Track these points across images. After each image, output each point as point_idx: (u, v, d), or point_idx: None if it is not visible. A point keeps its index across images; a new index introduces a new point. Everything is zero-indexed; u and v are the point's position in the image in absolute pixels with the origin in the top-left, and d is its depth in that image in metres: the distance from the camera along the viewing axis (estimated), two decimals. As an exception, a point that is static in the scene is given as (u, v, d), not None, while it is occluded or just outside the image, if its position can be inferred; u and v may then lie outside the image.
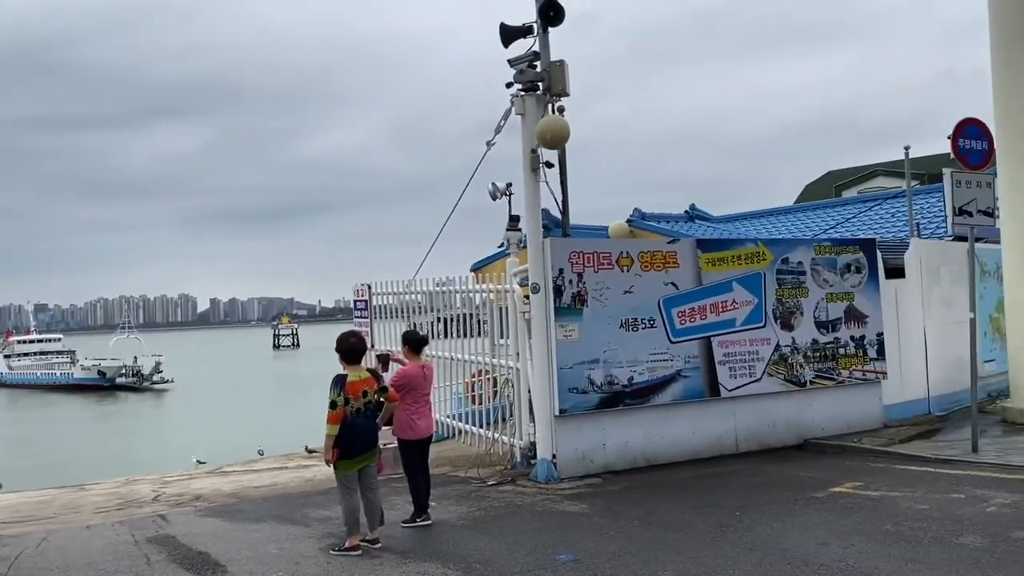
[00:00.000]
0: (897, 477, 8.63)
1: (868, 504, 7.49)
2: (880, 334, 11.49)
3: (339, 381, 6.62)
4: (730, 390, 10.31)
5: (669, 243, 10.59)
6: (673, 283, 10.10)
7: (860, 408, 11.33)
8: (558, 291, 9.33)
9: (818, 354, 10.98)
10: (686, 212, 19.98)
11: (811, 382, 10.90)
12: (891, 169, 25.84)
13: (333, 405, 6.53)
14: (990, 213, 10.16)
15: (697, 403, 10.15)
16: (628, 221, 17.09)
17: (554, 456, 9.25)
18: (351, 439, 6.59)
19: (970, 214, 9.92)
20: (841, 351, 11.14)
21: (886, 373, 11.53)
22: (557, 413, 9.23)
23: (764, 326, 10.63)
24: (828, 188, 32.88)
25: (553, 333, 9.27)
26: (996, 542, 6.14)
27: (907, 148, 15.02)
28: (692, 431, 10.14)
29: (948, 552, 5.99)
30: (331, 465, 6.74)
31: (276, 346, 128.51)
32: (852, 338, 11.25)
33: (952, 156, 10.35)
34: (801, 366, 10.83)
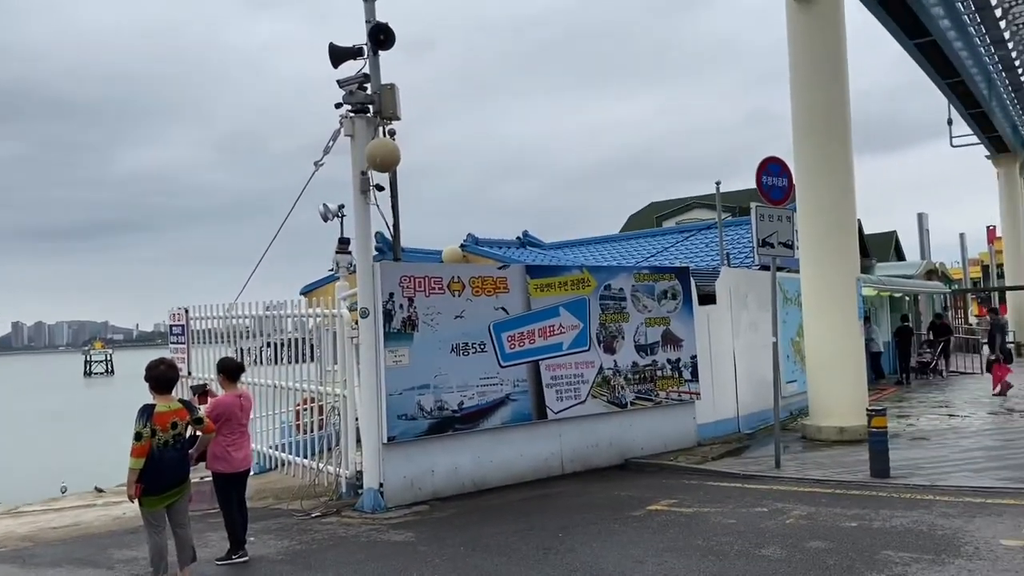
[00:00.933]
0: (709, 493, 9.11)
1: (682, 520, 7.85)
2: (694, 357, 12.16)
3: (145, 411, 6.20)
4: (557, 412, 10.55)
5: (500, 268, 10.74)
6: (503, 308, 10.25)
7: (676, 428, 11.91)
8: (388, 316, 9.23)
9: (638, 376, 11.46)
10: (518, 238, 20.39)
11: (632, 403, 11.35)
12: (706, 202, 27.51)
13: (138, 437, 6.10)
14: (789, 245, 11.00)
15: (525, 426, 10.31)
16: (462, 246, 17.23)
17: (381, 485, 9.09)
18: (157, 473, 6.16)
19: (772, 245, 10.71)
20: (659, 373, 11.69)
21: (700, 394, 12.20)
22: (385, 440, 9.09)
23: (589, 350, 10.98)
24: (650, 218, 34.65)
25: (382, 358, 9.14)
26: (793, 552, 6.59)
27: (718, 183, 16.09)
28: (520, 454, 10.28)
29: (751, 564, 6.37)
30: (135, 501, 6.28)
31: (87, 373, 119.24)
32: (669, 361, 11.83)
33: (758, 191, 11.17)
34: (623, 388, 11.26)
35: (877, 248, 32.84)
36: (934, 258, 36.88)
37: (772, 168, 10.94)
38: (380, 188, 9.60)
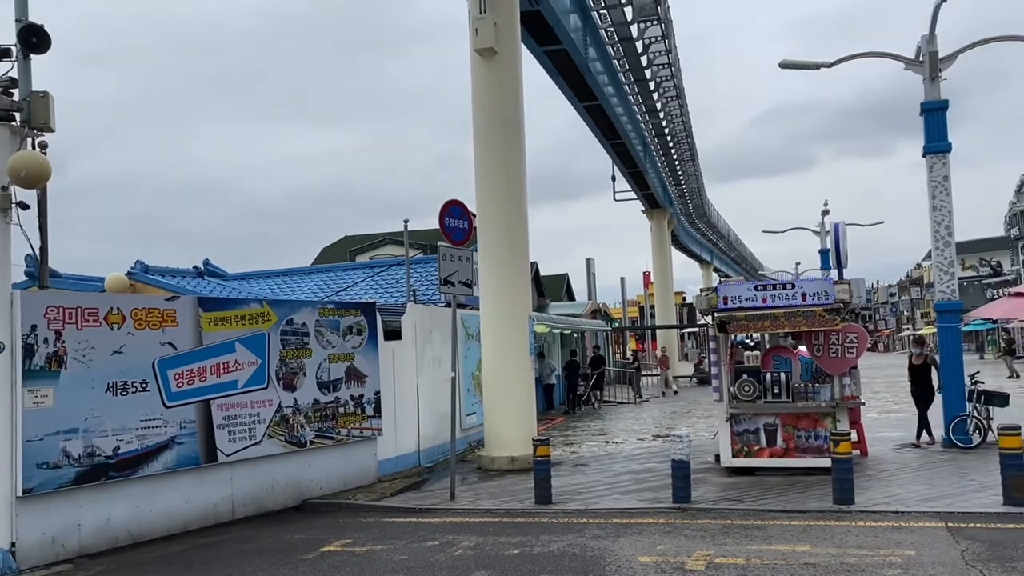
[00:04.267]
0: (384, 530, 9.12)
1: (354, 560, 7.76)
2: (377, 393, 12.20)
3: None
4: (228, 455, 9.97)
5: (168, 300, 9.97)
6: (171, 343, 9.52)
7: (357, 465, 11.83)
8: (29, 351, 8.15)
9: (319, 414, 11.23)
10: (195, 268, 19.18)
11: (311, 442, 11.08)
12: (398, 239, 28.04)
13: None
14: (469, 284, 11.51)
15: (192, 470, 9.61)
16: (129, 274, 15.82)
17: (13, 544, 7.93)
18: None
19: (453, 284, 11.14)
20: (341, 410, 11.55)
21: (382, 430, 12.24)
22: (20, 494, 7.96)
23: (267, 387, 10.56)
24: (344, 252, 34.54)
25: (20, 399, 8.03)
26: (459, 583, 6.79)
27: (406, 221, 16.47)
28: (186, 500, 9.55)
29: (418, 599, 6.44)
30: None
31: None
32: (352, 397, 11.75)
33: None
34: (302, 426, 10.97)
35: (551, 289, 35.61)
36: (600, 299, 40.83)
37: (454, 211, 11.42)
38: (25, 206, 8.50)
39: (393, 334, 13.39)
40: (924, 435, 13.48)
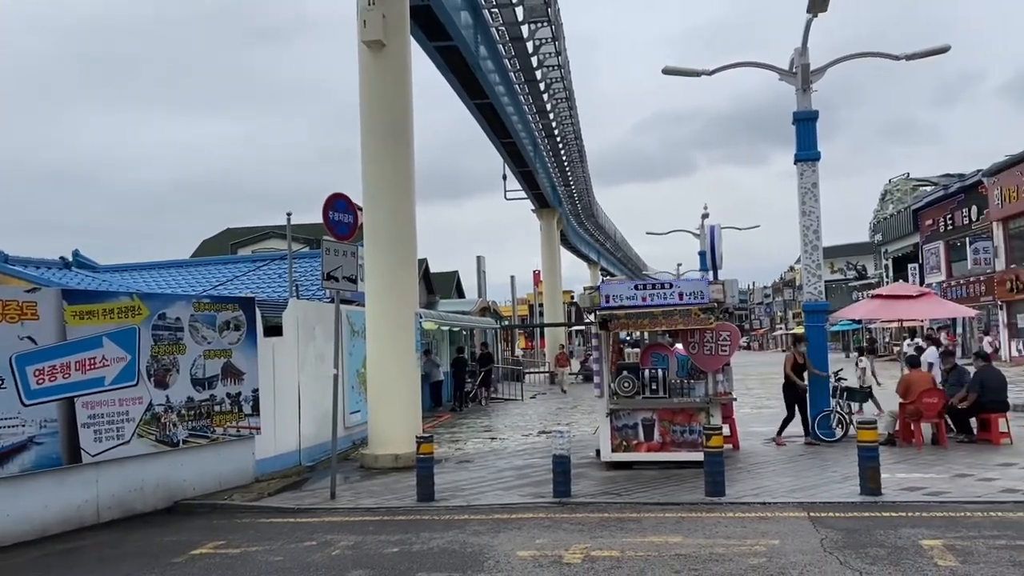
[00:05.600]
0: (260, 531, 8.87)
1: (227, 563, 7.51)
2: (256, 390, 11.85)
3: None
4: (94, 455, 9.48)
5: (28, 292, 9.39)
6: (31, 337, 8.97)
7: (234, 464, 11.46)
8: None
9: (193, 412, 10.82)
10: (62, 259, 18.12)
11: (184, 441, 10.66)
12: (283, 232, 27.34)
13: None
14: (353, 279, 11.33)
15: (53, 472, 9.08)
16: (-14, 264, 14.79)
17: None
18: None
19: (337, 279, 10.93)
20: (217, 408, 11.16)
21: (260, 428, 11.90)
22: None
23: (137, 384, 10.09)
24: (225, 245, 33.42)
25: None
26: (336, 583, 6.67)
27: (289, 214, 16.11)
28: (45, 504, 9.02)
29: (293, 600, 6.29)
30: None
31: None
32: (228, 395, 11.37)
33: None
34: (175, 425, 10.54)
35: (441, 286, 35.58)
36: (490, 297, 41.15)
37: (338, 204, 11.21)
38: None
39: (274, 330, 13.04)
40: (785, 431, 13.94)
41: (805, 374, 13.83)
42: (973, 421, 13.27)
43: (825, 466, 11.31)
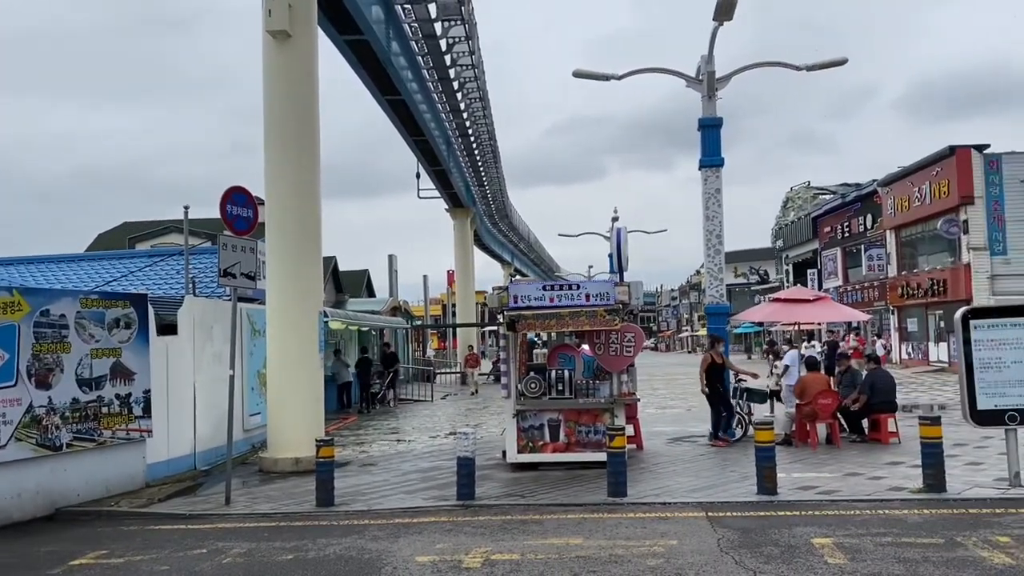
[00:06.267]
0: (148, 539, 8.45)
1: (108, 574, 7.10)
2: (148, 391, 11.31)
3: None
4: (-36, 461, 8.85)
5: None
6: None
7: (122, 469, 10.91)
8: None
9: (79, 414, 10.23)
10: (-60, 250, 16.99)
11: (69, 445, 10.08)
12: (183, 227, 26.39)
13: None
14: (252, 276, 10.94)
15: (-83, 480, 8.43)
16: None
17: None
18: None
19: (234, 275, 10.53)
20: (105, 410, 10.60)
21: (152, 431, 11.36)
22: None
23: (15, 384, 9.47)
24: (123, 239, 32.04)
25: None
26: (224, 593, 6.37)
27: (186, 207, 15.53)
28: (-93, 515, 8.37)
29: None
30: None
31: None
32: (118, 396, 10.81)
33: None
34: (58, 428, 9.94)
35: (351, 284, 34.99)
36: (402, 296, 40.64)
37: (237, 198, 10.81)
38: None
39: (169, 329, 12.49)
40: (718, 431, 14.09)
41: (733, 375, 14.28)
42: (865, 421, 13.78)
43: (725, 466, 11.54)
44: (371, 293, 39.17)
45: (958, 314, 9.70)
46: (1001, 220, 31.64)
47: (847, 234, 45.53)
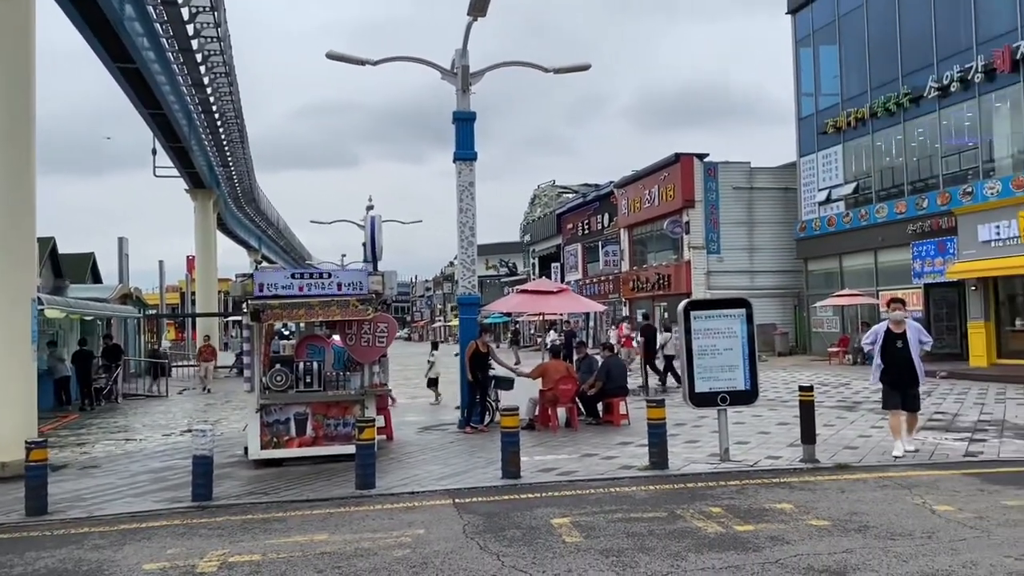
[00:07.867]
0: None
1: None
2: None
3: None
4: None
5: None
6: None
7: None
8: None
9: None
10: None
11: None
12: None
13: None
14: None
15: None
16: None
17: None
18: None
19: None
20: None
21: None
22: None
23: None
24: None
25: None
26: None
27: None
28: None
29: None
30: None
31: None
32: None
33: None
34: None
35: (74, 269, 31.60)
36: (135, 283, 37.23)
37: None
38: None
39: None
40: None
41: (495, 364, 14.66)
42: (600, 405, 14.74)
43: (473, 452, 11.80)
44: (97, 279, 35.58)
45: (681, 306, 10.62)
46: (717, 223, 35.36)
47: (587, 231, 48.62)
